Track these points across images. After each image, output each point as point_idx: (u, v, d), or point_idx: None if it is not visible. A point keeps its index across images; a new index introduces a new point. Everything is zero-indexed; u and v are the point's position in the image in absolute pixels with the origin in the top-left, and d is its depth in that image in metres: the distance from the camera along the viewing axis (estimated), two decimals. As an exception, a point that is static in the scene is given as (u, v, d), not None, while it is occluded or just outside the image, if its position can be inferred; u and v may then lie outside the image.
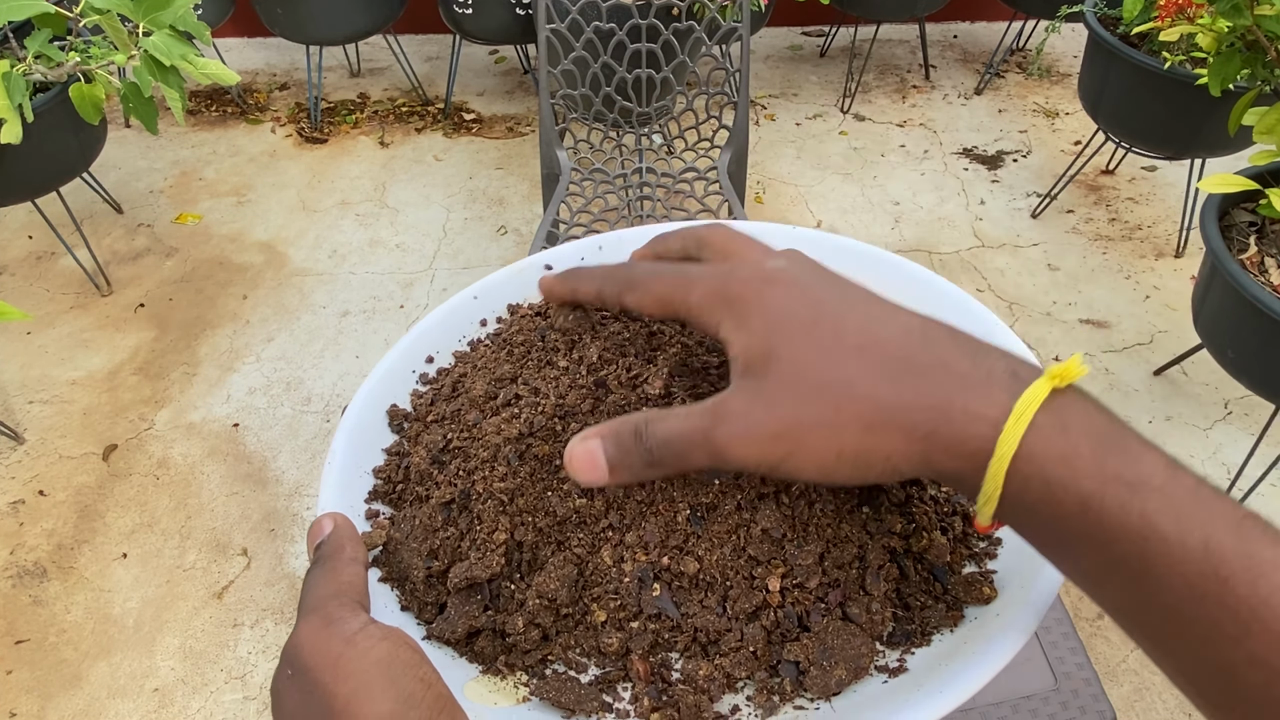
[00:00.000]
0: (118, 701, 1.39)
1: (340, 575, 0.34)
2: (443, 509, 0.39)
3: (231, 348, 1.97)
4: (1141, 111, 1.94)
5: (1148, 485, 0.26)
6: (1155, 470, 0.26)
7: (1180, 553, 0.25)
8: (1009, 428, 0.27)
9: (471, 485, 0.38)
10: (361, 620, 0.31)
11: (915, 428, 0.28)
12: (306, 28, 2.39)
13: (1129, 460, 0.26)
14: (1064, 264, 2.22)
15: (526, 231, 2.29)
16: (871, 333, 0.30)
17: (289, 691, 0.30)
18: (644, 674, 0.35)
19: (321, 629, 0.31)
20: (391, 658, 0.30)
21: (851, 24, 2.96)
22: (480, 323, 0.50)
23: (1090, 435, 0.27)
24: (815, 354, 0.30)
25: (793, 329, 0.30)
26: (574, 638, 0.36)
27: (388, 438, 0.45)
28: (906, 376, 0.28)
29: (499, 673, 0.36)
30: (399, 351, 0.47)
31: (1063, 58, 3.06)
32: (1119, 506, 0.26)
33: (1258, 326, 1.37)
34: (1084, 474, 0.26)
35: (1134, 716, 1.39)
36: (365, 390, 0.45)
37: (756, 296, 0.32)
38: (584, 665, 0.36)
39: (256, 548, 1.60)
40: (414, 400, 0.46)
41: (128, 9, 1.41)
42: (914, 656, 0.35)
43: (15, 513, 1.64)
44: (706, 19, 1.61)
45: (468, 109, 2.75)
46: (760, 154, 2.58)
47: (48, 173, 1.84)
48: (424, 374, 0.48)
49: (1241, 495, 1.64)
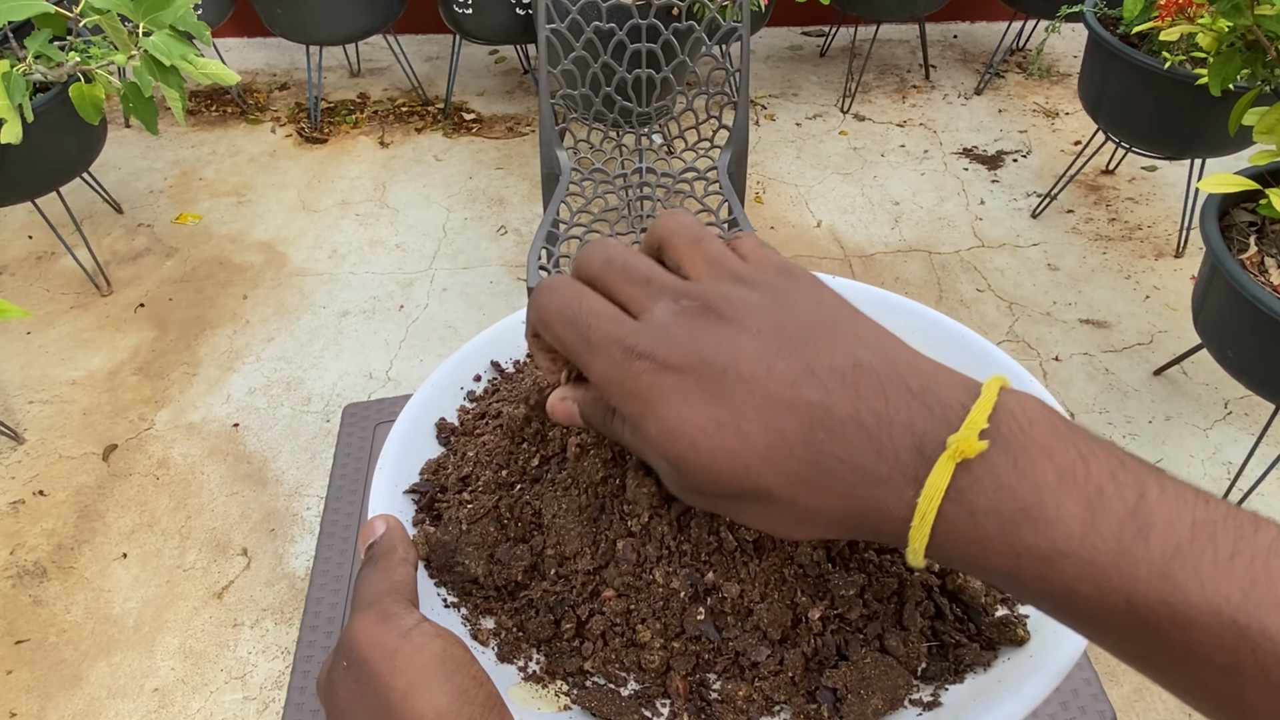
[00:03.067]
0: (118, 701, 1.39)
1: (393, 574, 0.35)
2: (495, 518, 0.40)
3: (231, 348, 1.97)
4: (1141, 111, 1.94)
5: (1061, 554, 0.25)
6: (1070, 531, 0.25)
7: (1106, 611, 0.25)
8: (915, 528, 0.27)
9: (524, 500, 0.40)
10: (415, 617, 0.32)
11: (836, 525, 0.29)
12: (306, 28, 2.39)
13: (1040, 530, 0.26)
14: (1064, 264, 2.22)
15: (526, 231, 2.29)
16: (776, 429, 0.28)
17: (344, 682, 0.31)
18: (683, 691, 0.36)
19: (378, 623, 0.31)
20: (446, 654, 0.30)
21: (851, 24, 2.96)
22: None
23: (997, 514, 0.26)
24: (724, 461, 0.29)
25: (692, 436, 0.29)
26: (617, 653, 0.37)
27: (435, 449, 0.46)
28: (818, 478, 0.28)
29: (540, 680, 0.37)
30: (449, 367, 0.50)
31: (1063, 58, 3.06)
32: (1037, 579, 0.26)
33: (1258, 326, 1.37)
34: (997, 554, 0.26)
35: (1134, 716, 1.39)
36: (415, 402, 0.47)
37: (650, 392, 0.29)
38: (624, 680, 0.37)
39: (256, 548, 1.60)
40: (460, 415, 0.48)
41: (128, 9, 1.41)
42: (948, 692, 0.36)
43: (15, 513, 1.64)
44: (706, 19, 1.61)
45: (468, 109, 2.75)
46: (760, 154, 2.58)
47: (48, 173, 1.84)
48: (471, 391, 0.49)
49: (1241, 495, 1.64)
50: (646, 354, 0.30)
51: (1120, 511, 0.25)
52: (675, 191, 1.65)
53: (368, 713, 0.29)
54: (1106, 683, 1.40)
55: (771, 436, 0.28)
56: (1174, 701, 1.40)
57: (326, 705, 0.31)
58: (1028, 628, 0.38)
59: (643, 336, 0.30)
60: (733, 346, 0.29)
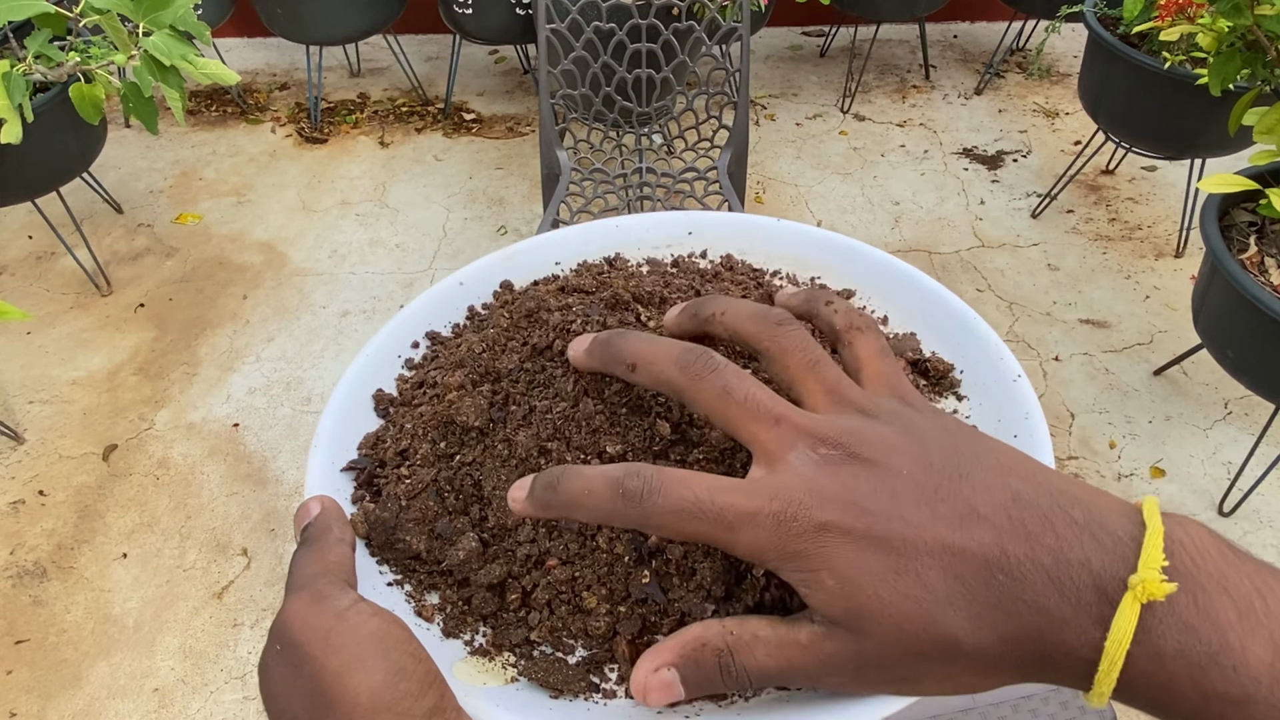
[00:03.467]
0: (118, 701, 1.39)
1: (328, 555, 0.34)
2: (435, 491, 0.39)
3: (231, 348, 1.97)
4: (1141, 111, 1.94)
5: (1250, 698, 0.25)
6: (1258, 676, 0.25)
7: None
8: (1103, 671, 0.26)
9: (464, 469, 0.39)
10: (351, 597, 0.32)
11: (1019, 669, 0.28)
12: (306, 28, 2.39)
13: (1230, 676, 0.26)
14: (1064, 264, 2.22)
15: (526, 231, 2.29)
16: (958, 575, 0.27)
17: (278, 666, 0.30)
18: (629, 655, 0.35)
19: (311, 604, 0.31)
20: (383, 633, 0.30)
21: (851, 24, 2.96)
22: (467, 309, 0.50)
23: (1185, 658, 0.26)
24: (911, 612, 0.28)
25: (872, 585, 0.28)
26: (564, 620, 0.36)
27: (373, 422, 0.45)
28: (1003, 623, 0.27)
29: (486, 653, 0.36)
30: (384, 336, 0.48)
31: (1063, 58, 3.06)
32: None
33: (1258, 326, 1.37)
34: (1183, 697, 0.26)
35: (1134, 716, 1.39)
36: (350, 375, 0.46)
37: (816, 550, 0.28)
38: (571, 647, 0.36)
39: (256, 548, 1.60)
40: (399, 385, 0.46)
41: (128, 9, 1.41)
42: None
43: (15, 513, 1.64)
44: (706, 19, 1.61)
45: (468, 109, 2.75)
46: (760, 154, 2.58)
47: (48, 173, 1.84)
48: (409, 359, 0.48)
49: (1241, 495, 1.64)
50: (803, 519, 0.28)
51: None
52: (675, 191, 1.65)
53: (301, 695, 0.29)
54: (1106, 683, 1.40)
55: (951, 582, 0.27)
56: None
57: (263, 692, 0.31)
58: None
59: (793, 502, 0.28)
60: (890, 492, 0.29)
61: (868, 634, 0.28)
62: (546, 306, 0.43)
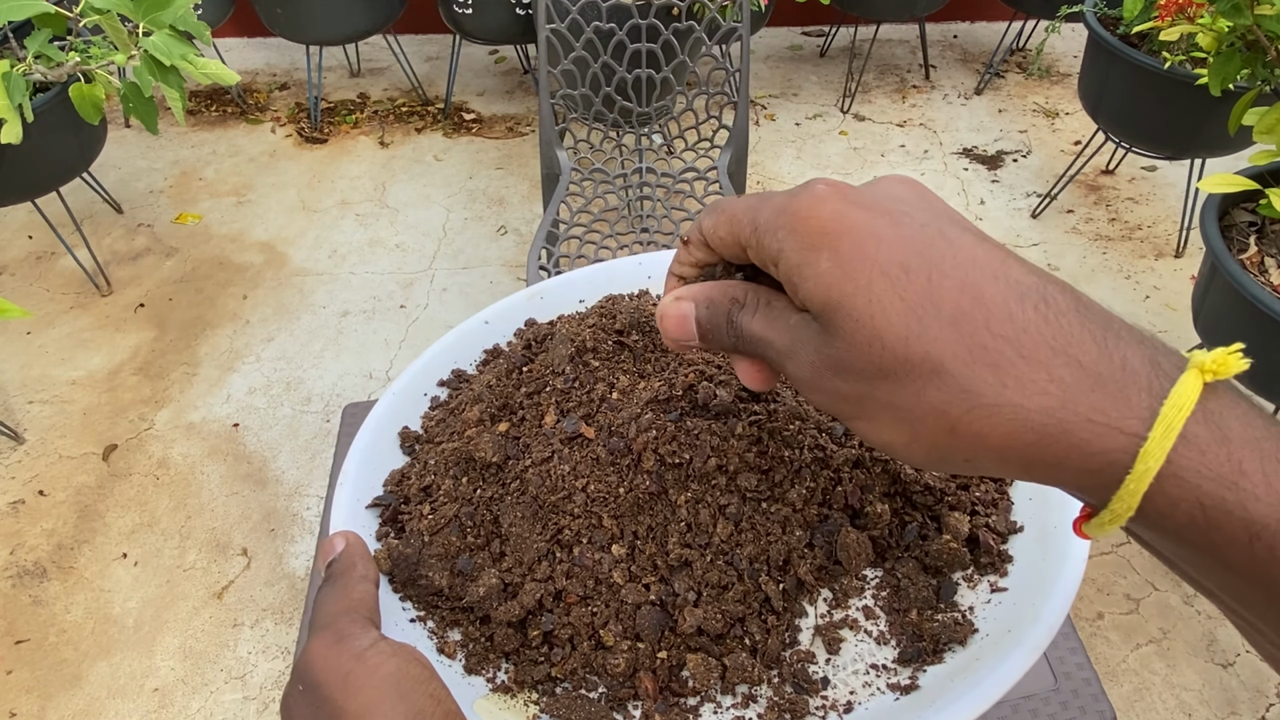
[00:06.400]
0: (118, 701, 1.39)
1: (351, 592, 0.34)
2: (457, 526, 0.39)
3: (231, 348, 1.97)
4: (1141, 111, 1.94)
5: None
6: None
7: None
8: (1153, 441, 0.21)
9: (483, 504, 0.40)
10: (372, 637, 0.32)
11: (1017, 435, 0.22)
12: (306, 28, 2.39)
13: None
14: (1064, 264, 2.22)
15: (526, 231, 2.29)
16: (974, 293, 0.23)
17: (300, 706, 0.30)
18: (652, 691, 0.36)
19: (332, 645, 0.31)
20: (401, 674, 0.30)
21: (851, 24, 2.96)
22: (492, 346, 0.50)
23: (1256, 447, 0.21)
24: (897, 316, 0.23)
25: (869, 274, 0.24)
26: (585, 657, 0.37)
27: (399, 459, 0.46)
28: (1015, 363, 0.22)
29: (509, 690, 0.37)
30: (411, 375, 0.49)
31: (1063, 58, 3.06)
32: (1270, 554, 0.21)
33: (1258, 326, 1.37)
34: (1253, 497, 0.21)
35: (1134, 716, 1.39)
36: (377, 412, 0.46)
37: (831, 221, 0.25)
38: (594, 684, 0.37)
39: (256, 548, 1.60)
40: (425, 423, 0.47)
41: (128, 9, 1.41)
42: (925, 674, 0.35)
43: (15, 513, 1.64)
44: (706, 19, 1.61)
45: (468, 109, 2.74)
46: (760, 154, 2.58)
47: (48, 173, 1.84)
48: (435, 397, 0.49)
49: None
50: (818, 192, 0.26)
51: None
52: (675, 191, 1.65)
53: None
54: (1106, 682, 1.40)
55: (967, 300, 0.23)
56: (1174, 701, 1.39)
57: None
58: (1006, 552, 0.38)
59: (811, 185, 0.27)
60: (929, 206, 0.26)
61: (838, 332, 0.24)
62: (556, 334, 0.43)
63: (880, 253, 0.24)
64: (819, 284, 0.25)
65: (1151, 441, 0.21)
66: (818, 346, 0.25)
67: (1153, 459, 0.21)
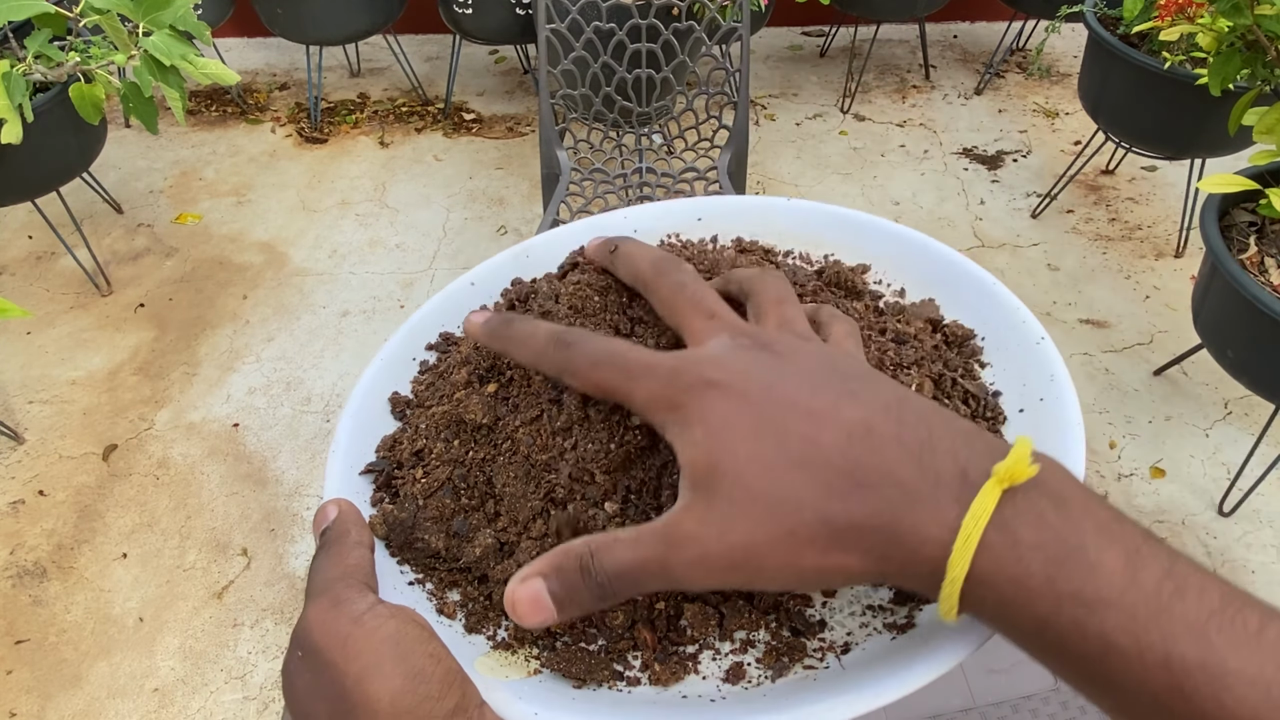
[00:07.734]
0: (118, 701, 1.39)
1: (346, 558, 0.34)
2: (451, 489, 0.39)
3: (231, 348, 1.97)
4: (1141, 111, 1.94)
5: (1104, 602, 0.25)
6: (1113, 580, 0.25)
7: (1141, 669, 0.24)
8: (958, 550, 0.25)
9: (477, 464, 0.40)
10: (369, 600, 0.32)
11: (868, 550, 0.27)
12: (306, 28, 2.39)
13: (1084, 574, 0.25)
14: (1064, 264, 2.22)
15: (526, 231, 2.29)
16: (815, 440, 0.28)
17: (300, 672, 0.31)
18: (652, 642, 0.36)
19: (329, 610, 0.31)
20: (400, 634, 0.30)
21: (851, 24, 2.96)
22: (479, 307, 0.50)
23: (1042, 551, 0.25)
24: (760, 469, 0.28)
25: (734, 440, 0.28)
26: None
27: (391, 425, 0.45)
28: (852, 492, 0.27)
29: (509, 647, 0.37)
30: (398, 340, 0.48)
31: (1063, 58, 3.06)
32: (1075, 627, 0.25)
33: (1258, 326, 1.37)
34: (1037, 595, 0.25)
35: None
36: (367, 378, 0.46)
37: (697, 403, 0.29)
38: (593, 637, 0.37)
39: (256, 548, 1.60)
40: (414, 387, 0.47)
41: (128, 9, 1.41)
42: (922, 612, 0.35)
43: (15, 513, 1.64)
44: (706, 19, 1.61)
45: (468, 109, 2.75)
46: (760, 154, 2.58)
47: (48, 173, 1.84)
48: (423, 361, 0.48)
49: (1241, 495, 1.64)
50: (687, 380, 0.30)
51: (1157, 571, 0.25)
52: (675, 191, 1.65)
53: (324, 701, 0.29)
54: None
55: (808, 445, 0.28)
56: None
57: (286, 697, 0.31)
58: None
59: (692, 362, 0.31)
60: (780, 373, 0.30)
61: (717, 493, 0.28)
62: (538, 291, 0.43)
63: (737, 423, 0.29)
64: (697, 451, 0.29)
65: (956, 551, 0.26)
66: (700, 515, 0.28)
67: (957, 568, 0.26)
